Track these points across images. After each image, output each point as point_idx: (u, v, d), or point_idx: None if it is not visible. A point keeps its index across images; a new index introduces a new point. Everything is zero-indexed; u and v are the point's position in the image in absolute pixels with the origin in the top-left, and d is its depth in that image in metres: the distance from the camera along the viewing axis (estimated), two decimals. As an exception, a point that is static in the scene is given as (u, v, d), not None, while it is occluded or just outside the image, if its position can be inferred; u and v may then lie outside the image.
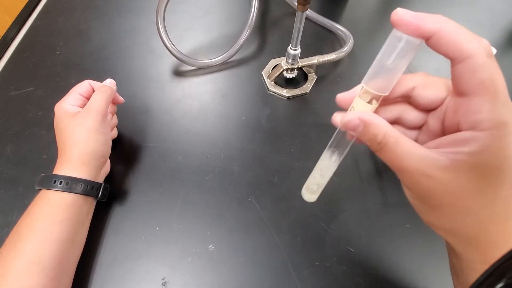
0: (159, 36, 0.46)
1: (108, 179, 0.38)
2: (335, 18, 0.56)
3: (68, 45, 0.53)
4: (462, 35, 0.16)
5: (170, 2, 0.44)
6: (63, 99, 0.34)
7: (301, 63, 0.47)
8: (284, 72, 0.48)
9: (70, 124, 0.32)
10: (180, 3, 0.60)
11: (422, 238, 0.35)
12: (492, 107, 0.16)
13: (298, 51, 0.45)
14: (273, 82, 0.48)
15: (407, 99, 0.21)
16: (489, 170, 0.16)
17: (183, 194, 0.38)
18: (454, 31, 0.16)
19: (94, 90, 0.36)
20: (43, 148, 0.41)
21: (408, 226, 0.36)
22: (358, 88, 0.20)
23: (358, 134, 0.19)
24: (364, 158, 0.41)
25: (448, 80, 0.19)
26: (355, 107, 0.20)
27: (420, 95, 0.20)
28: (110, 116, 0.39)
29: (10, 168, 0.39)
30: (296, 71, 0.49)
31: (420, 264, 0.34)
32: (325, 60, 0.48)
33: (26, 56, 0.51)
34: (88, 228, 0.33)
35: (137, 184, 0.39)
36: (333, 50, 0.49)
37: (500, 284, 0.16)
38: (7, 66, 0.51)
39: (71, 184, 0.30)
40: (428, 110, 0.20)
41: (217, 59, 0.49)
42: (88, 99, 0.35)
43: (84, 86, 0.36)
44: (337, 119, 0.21)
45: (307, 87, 0.48)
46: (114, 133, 0.41)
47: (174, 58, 0.48)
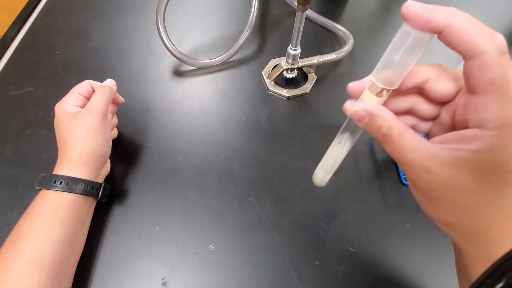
0: (159, 36, 0.46)
1: (108, 179, 0.38)
2: (335, 18, 0.56)
3: (68, 45, 0.53)
4: (474, 30, 0.15)
5: (170, 2, 0.44)
6: (63, 99, 0.34)
7: (301, 63, 0.47)
8: (284, 72, 0.48)
9: (70, 124, 0.32)
10: (180, 3, 0.60)
11: (422, 238, 0.35)
12: (500, 106, 0.15)
13: (298, 51, 0.45)
14: (273, 82, 0.48)
15: (420, 90, 0.20)
16: (491, 169, 0.16)
17: (183, 194, 0.38)
18: (466, 26, 0.15)
19: (94, 90, 0.36)
20: (43, 148, 0.41)
21: (408, 226, 0.36)
22: (368, 78, 0.20)
23: (363, 125, 0.19)
24: (364, 158, 0.41)
25: (462, 73, 0.18)
26: (364, 98, 0.20)
27: (433, 87, 0.19)
28: (110, 116, 0.39)
29: (10, 168, 0.39)
30: (296, 71, 0.49)
31: (420, 264, 0.34)
32: (325, 60, 0.48)
33: (26, 56, 0.51)
34: (88, 228, 0.33)
35: (137, 184, 0.39)
36: (333, 50, 0.49)
37: (500, 284, 0.16)
38: (7, 66, 0.51)
39: (71, 184, 0.30)
40: (441, 103, 0.20)
41: (217, 59, 0.49)
42: (88, 99, 0.35)
43: (84, 86, 0.36)
44: (347, 107, 0.21)
45: (307, 87, 0.48)
46: (114, 133, 0.41)
47: (174, 58, 0.48)
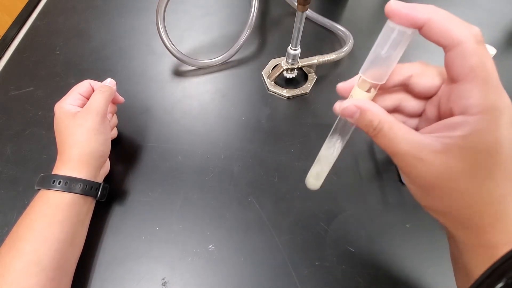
0: (159, 36, 0.46)
1: (108, 179, 0.38)
2: (335, 18, 0.56)
3: (68, 45, 0.53)
4: (452, 23, 0.16)
5: (170, 2, 0.44)
6: (63, 99, 0.34)
7: (301, 63, 0.47)
8: (284, 72, 0.48)
9: (70, 124, 0.32)
10: (180, 3, 0.60)
11: (422, 238, 0.35)
12: (482, 92, 0.16)
13: (298, 51, 0.45)
14: (273, 82, 0.48)
15: (405, 87, 0.21)
16: (479, 153, 0.17)
17: (183, 194, 0.38)
18: (444, 20, 0.17)
19: (94, 90, 0.36)
20: (43, 148, 0.41)
21: (408, 226, 0.36)
22: (357, 77, 0.21)
23: (355, 121, 0.20)
24: (364, 158, 0.41)
25: (443, 68, 0.19)
26: (354, 96, 0.20)
27: (417, 83, 0.20)
28: (110, 115, 0.39)
29: (10, 168, 0.39)
30: (296, 71, 0.49)
31: (420, 263, 0.34)
32: (325, 60, 0.48)
33: (26, 56, 0.51)
34: (88, 228, 0.33)
35: (137, 184, 0.39)
36: (333, 50, 0.49)
37: (500, 284, 0.16)
38: (7, 66, 0.51)
39: (70, 184, 0.30)
40: (426, 98, 0.21)
41: (217, 59, 0.49)
42: (88, 99, 0.35)
43: (84, 86, 0.36)
44: (337, 106, 0.21)
45: (307, 87, 0.48)
46: (114, 133, 0.41)
47: (174, 58, 0.48)
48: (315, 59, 0.48)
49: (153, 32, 0.47)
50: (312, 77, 0.49)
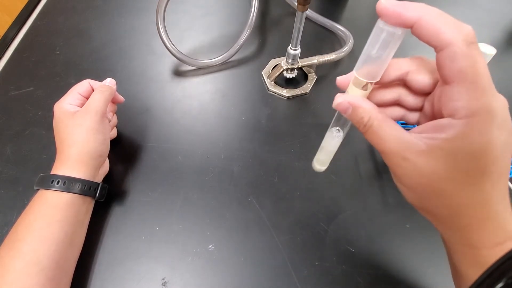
0: (159, 36, 0.46)
1: (108, 179, 0.38)
2: (335, 18, 0.56)
3: (68, 45, 0.53)
4: (442, 23, 0.16)
5: (170, 2, 0.44)
6: (63, 98, 0.34)
7: (301, 63, 0.47)
8: (284, 72, 0.48)
9: (69, 123, 0.32)
10: (180, 3, 0.60)
11: (422, 238, 0.35)
12: (470, 95, 0.16)
13: (298, 51, 0.45)
14: (273, 82, 0.48)
15: (403, 82, 0.21)
16: (463, 157, 0.17)
17: (183, 194, 0.38)
18: (434, 19, 0.16)
19: (93, 90, 0.36)
20: (43, 148, 0.41)
21: (408, 226, 0.36)
22: (350, 74, 0.21)
23: (347, 116, 0.20)
24: (364, 158, 0.41)
25: None
26: (349, 92, 0.21)
27: (413, 79, 0.20)
28: (111, 114, 0.39)
29: (10, 168, 0.39)
30: (296, 71, 0.49)
31: (420, 264, 0.34)
32: (325, 60, 0.48)
33: (26, 56, 0.51)
34: (87, 228, 0.33)
35: (137, 184, 0.39)
36: (333, 50, 0.49)
37: (500, 284, 0.16)
38: (7, 66, 0.51)
39: (68, 184, 0.30)
40: (423, 94, 0.21)
41: (217, 59, 0.49)
42: (87, 98, 0.35)
43: (83, 85, 0.36)
44: (335, 100, 0.22)
45: (307, 87, 0.48)
46: (114, 132, 0.41)
47: (174, 58, 0.48)
48: (315, 59, 0.48)
49: (153, 32, 0.47)
50: (312, 77, 0.49)
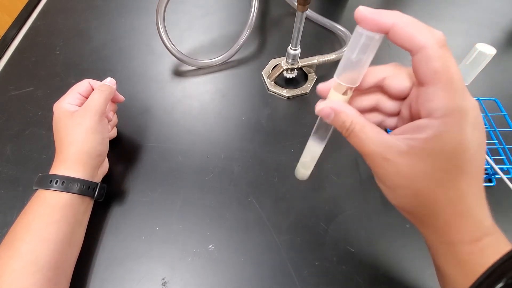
0: (159, 36, 0.46)
1: (108, 179, 0.38)
2: (335, 18, 0.56)
3: (68, 45, 0.53)
4: (415, 28, 0.17)
5: (170, 2, 0.44)
6: (62, 98, 0.34)
7: (301, 63, 0.47)
8: (284, 72, 0.48)
9: (68, 123, 0.32)
10: (180, 3, 0.60)
11: (422, 238, 0.35)
12: (445, 95, 0.17)
13: (298, 51, 0.45)
14: (273, 82, 0.48)
15: (380, 88, 0.22)
16: (440, 155, 0.18)
17: (183, 194, 0.38)
18: (408, 25, 0.17)
19: (93, 89, 0.36)
20: (43, 148, 0.41)
21: (408, 226, 0.36)
22: (331, 81, 0.22)
23: (330, 122, 0.21)
24: (364, 158, 0.41)
25: None
26: (331, 97, 0.21)
27: (390, 85, 0.21)
28: (111, 113, 0.39)
29: (10, 168, 0.39)
30: (296, 71, 0.49)
31: (420, 264, 0.34)
32: (325, 60, 0.48)
33: (26, 56, 0.51)
34: (86, 228, 0.33)
35: (137, 184, 0.39)
36: (333, 50, 0.49)
37: (500, 284, 0.16)
38: (7, 66, 0.51)
39: (67, 183, 0.30)
40: (400, 98, 0.22)
41: (217, 59, 0.49)
42: (87, 98, 0.35)
43: (83, 85, 0.36)
44: (316, 107, 0.22)
45: (307, 87, 0.48)
46: (114, 132, 0.41)
47: (174, 58, 0.48)
48: (315, 59, 0.48)
49: (153, 32, 0.47)
50: (312, 77, 0.49)
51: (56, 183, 0.30)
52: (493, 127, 0.41)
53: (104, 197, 0.35)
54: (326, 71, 0.51)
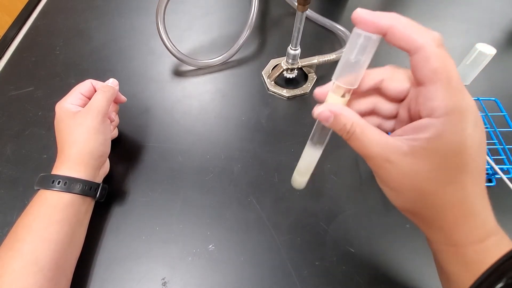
0: (159, 36, 0.46)
1: (108, 179, 0.38)
2: (335, 18, 0.56)
3: (68, 45, 0.53)
4: (413, 29, 0.17)
5: (170, 2, 0.44)
6: (64, 98, 0.34)
7: (301, 63, 0.47)
8: (284, 72, 0.48)
9: (70, 123, 0.32)
10: (180, 3, 0.60)
11: (422, 238, 0.35)
12: (445, 93, 0.17)
13: (298, 51, 0.45)
14: (273, 82, 0.48)
15: (378, 91, 0.22)
16: (444, 155, 0.17)
17: (183, 194, 0.38)
18: (406, 26, 0.17)
19: (95, 90, 0.36)
20: (43, 148, 0.41)
21: (408, 226, 0.36)
22: (331, 83, 0.22)
23: (330, 125, 0.20)
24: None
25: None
26: (329, 100, 0.21)
27: (388, 87, 0.21)
28: (114, 114, 0.39)
29: (10, 168, 0.39)
30: (296, 71, 0.49)
31: (420, 264, 0.34)
32: (325, 60, 0.48)
33: (26, 56, 0.51)
34: (87, 228, 0.33)
35: (137, 184, 0.39)
36: (333, 50, 0.49)
37: (500, 284, 0.16)
38: (7, 66, 0.51)
39: (69, 184, 0.30)
40: (398, 100, 0.21)
41: (217, 59, 0.49)
42: (89, 98, 0.35)
43: (85, 85, 0.36)
44: (314, 111, 0.22)
45: (307, 87, 0.48)
46: (115, 132, 0.41)
47: (174, 58, 0.48)
48: (315, 59, 0.48)
49: (153, 32, 0.47)
50: (312, 77, 0.49)
51: (57, 183, 0.30)
52: (493, 127, 0.41)
53: (105, 197, 0.35)
54: (326, 71, 0.51)
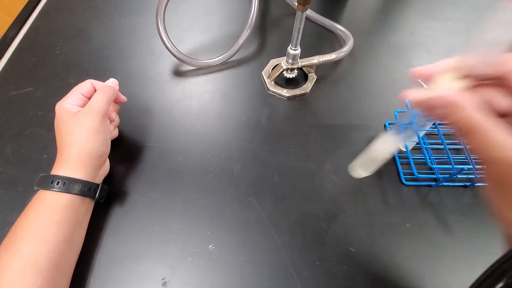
0: (159, 36, 0.46)
1: (108, 179, 0.38)
2: (335, 18, 0.56)
3: (68, 45, 0.53)
4: None
5: (170, 2, 0.44)
6: (64, 98, 0.34)
7: (301, 63, 0.47)
8: (284, 72, 0.48)
9: (70, 123, 0.32)
10: (180, 3, 0.60)
11: (422, 238, 0.35)
12: None
13: (298, 51, 0.45)
14: (273, 82, 0.48)
15: (502, 81, 0.18)
16: None
17: (183, 194, 0.38)
18: None
19: (96, 90, 0.36)
20: (43, 148, 0.41)
21: (408, 226, 0.36)
22: (443, 63, 0.17)
23: (439, 116, 0.17)
24: (364, 158, 0.41)
25: None
26: (441, 85, 0.17)
27: None
28: (114, 114, 0.39)
29: (10, 168, 0.39)
30: (296, 71, 0.49)
31: (419, 264, 0.34)
32: (325, 60, 0.48)
33: (26, 56, 0.51)
34: (86, 228, 0.33)
35: (137, 184, 0.39)
36: (333, 50, 0.49)
37: (500, 284, 0.16)
38: (7, 66, 0.51)
39: (68, 184, 0.30)
40: None
41: (217, 59, 0.49)
42: (89, 98, 0.35)
43: (86, 85, 0.36)
44: (412, 95, 0.18)
45: (307, 87, 0.48)
46: (116, 132, 0.41)
47: (174, 58, 0.48)
48: (315, 59, 0.48)
49: (153, 32, 0.47)
50: (312, 77, 0.49)
51: (57, 184, 0.30)
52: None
53: (104, 198, 0.35)
54: (326, 71, 0.51)
